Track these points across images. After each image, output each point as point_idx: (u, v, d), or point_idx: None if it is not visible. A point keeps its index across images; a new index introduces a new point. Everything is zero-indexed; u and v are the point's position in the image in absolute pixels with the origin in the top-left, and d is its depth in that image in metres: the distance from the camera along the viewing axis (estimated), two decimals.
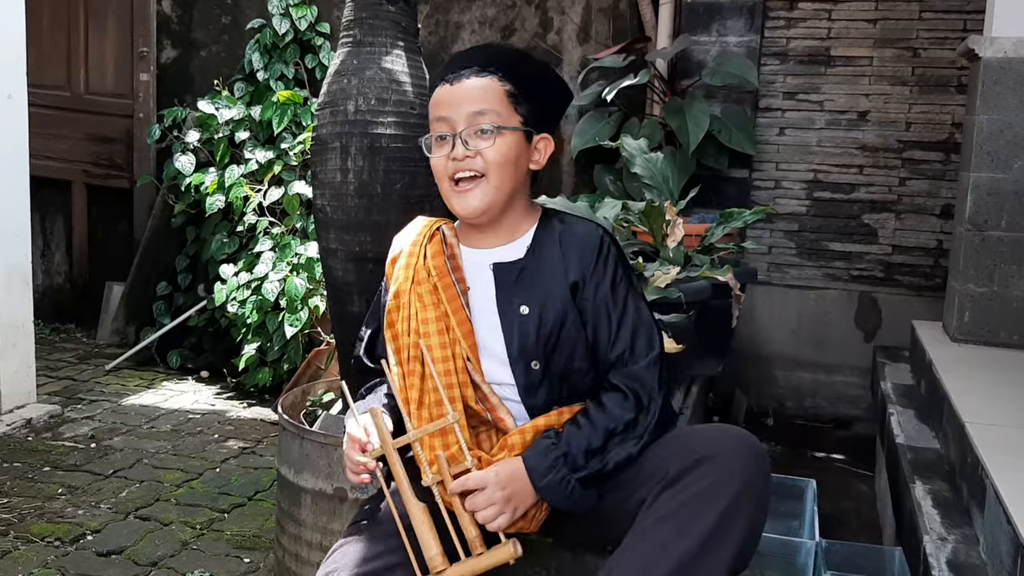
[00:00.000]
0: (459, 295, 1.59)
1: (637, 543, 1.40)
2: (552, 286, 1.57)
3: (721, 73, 3.84)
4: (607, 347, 1.57)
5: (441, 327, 1.57)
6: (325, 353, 3.54)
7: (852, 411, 4.07)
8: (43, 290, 5.14)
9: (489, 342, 1.58)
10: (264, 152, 4.22)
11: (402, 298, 1.62)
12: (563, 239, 1.60)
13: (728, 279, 2.74)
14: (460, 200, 1.56)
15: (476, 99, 1.55)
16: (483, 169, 1.54)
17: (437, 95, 1.58)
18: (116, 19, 4.89)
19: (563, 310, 1.56)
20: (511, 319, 1.56)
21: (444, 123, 1.56)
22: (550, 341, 1.55)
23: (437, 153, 1.57)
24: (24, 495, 2.91)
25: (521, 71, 1.59)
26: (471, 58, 1.59)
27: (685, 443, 1.48)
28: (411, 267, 1.63)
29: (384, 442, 1.48)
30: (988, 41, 3.08)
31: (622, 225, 2.95)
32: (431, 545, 1.42)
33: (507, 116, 1.56)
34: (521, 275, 1.58)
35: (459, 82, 1.56)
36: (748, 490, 1.40)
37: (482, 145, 1.54)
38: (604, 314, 1.57)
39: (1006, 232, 3.11)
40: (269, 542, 2.64)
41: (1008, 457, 2.00)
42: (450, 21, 4.51)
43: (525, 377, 1.56)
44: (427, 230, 1.67)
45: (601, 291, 1.57)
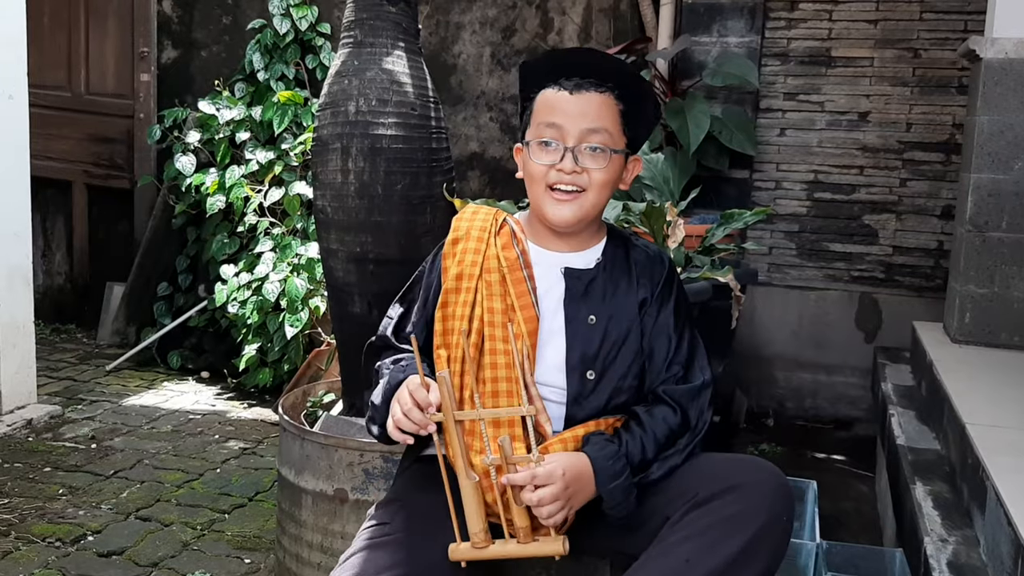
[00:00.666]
0: (530, 291, 1.57)
1: (661, 556, 1.40)
2: (620, 301, 1.59)
3: (722, 74, 3.84)
4: (661, 367, 1.59)
5: (504, 320, 1.56)
6: (326, 354, 3.54)
7: (853, 412, 4.07)
8: (44, 290, 5.14)
9: (548, 345, 1.57)
10: (265, 152, 4.22)
11: (466, 282, 1.59)
12: (635, 258, 1.63)
13: (729, 280, 2.74)
14: (555, 208, 1.56)
15: (594, 116, 1.55)
16: (586, 186, 1.55)
17: (552, 99, 1.56)
18: (117, 19, 4.90)
19: (628, 327, 1.58)
20: (577, 327, 1.56)
21: (555, 130, 1.55)
22: (611, 354, 1.56)
23: (541, 159, 1.56)
24: (25, 495, 2.91)
25: (634, 92, 1.59)
26: (590, 66, 1.57)
27: (716, 469, 1.49)
28: (480, 253, 1.60)
29: (447, 411, 1.46)
30: (989, 42, 3.08)
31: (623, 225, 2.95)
32: (477, 521, 1.43)
33: (617, 138, 1.57)
34: (592, 285, 1.59)
35: (579, 93, 1.55)
36: (775, 524, 1.41)
37: (592, 165, 1.55)
38: (664, 335, 1.59)
39: (1007, 233, 3.11)
40: (270, 543, 2.64)
41: (1009, 458, 2.00)
42: (451, 22, 4.51)
43: (579, 386, 1.56)
44: (495, 219, 1.65)
45: (664, 313, 1.60)
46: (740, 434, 3.89)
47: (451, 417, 1.46)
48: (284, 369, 3.91)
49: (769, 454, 3.63)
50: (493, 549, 1.44)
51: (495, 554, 1.44)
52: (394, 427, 1.50)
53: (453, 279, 1.61)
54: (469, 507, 1.44)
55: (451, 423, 1.46)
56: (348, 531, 2.11)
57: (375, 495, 2.08)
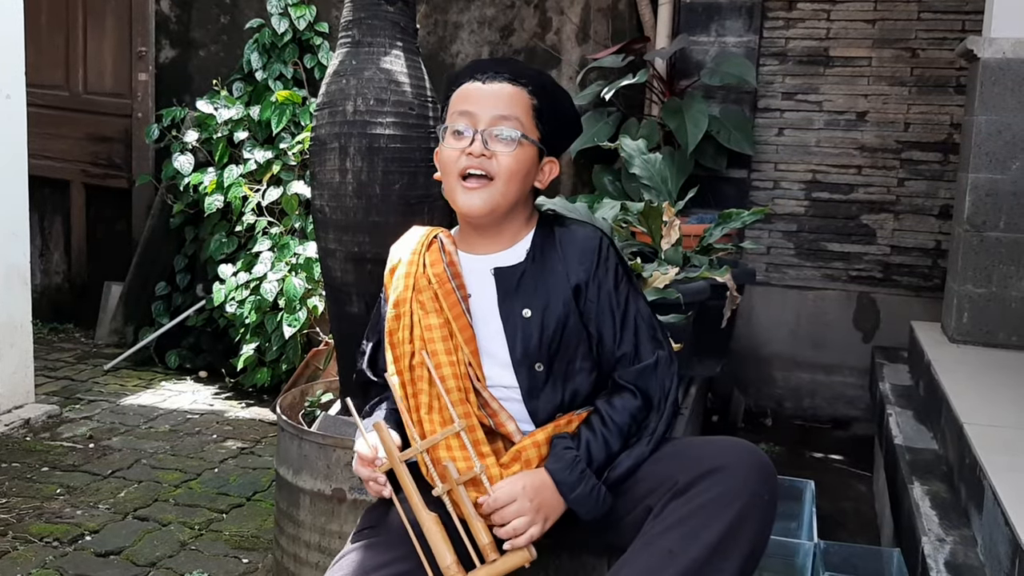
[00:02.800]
0: (460, 301, 1.60)
1: (644, 549, 1.40)
2: (553, 289, 1.58)
3: (720, 73, 3.84)
4: (612, 347, 1.59)
5: (445, 334, 1.58)
6: (323, 353, 3.54)
7: (850, 411, 4.07)
8: (41, 290, 5.13)
9: (491, 347, 1.59)
10: (263, 152, 4.22)
11: (402, 307, 1.63)
12: (563, 243, 1.62)
13: (726, 280, 2.74)
14: (465, 196, 1.57)
15: (505, 103, 1.57)
16: (495, 172, 1.56)
17: (465, 90, 1.60)
18: (115, 19, 4.89)
19: (565, 312, 1.57)
20: (514, 323, 1.57)
21: (466, 117, 1.57)
22: (552, 343, 1.57)
23: (452, 145, 1.58)
24: (22, 495, 2.91)
25: (548, 92, 1.63)
26: (504, 66, 1.61)
27: (694, 454, 1.49)
28: (411, 276, 1.64)
29: (391, 456, 1.49)
30: (987, 42, 3.09)
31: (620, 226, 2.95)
32: (445, 554, 1.43)
33: (529, 128, 1.59)
34: (522, 279, 1.59)
35: (491, 83, 1.58)
36: (756, 503, 1.42)
37: (501, 149, 1.56)
38: (608, 315, 1.59)
39: (1004, 233, 3.11)
40: (267, 542, 2.64)
41: (1006, 458, 2.01)
42: (449, 21, 4.50)
43: (528, 380, 1.57)
44: (425, 239, 1.68)
45: (604, 292, 1.59)
46: (738, 433, 3.89)
47: (396, 461, 1.48)
48: (282, 369, 3.91)
49: (767, 454, 3.62)
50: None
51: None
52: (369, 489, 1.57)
53: (392, 306, 1.64)
54: (435, 542, 1.44)
55: (397, 466, 1.48)
56: (346, 531, 2.11)
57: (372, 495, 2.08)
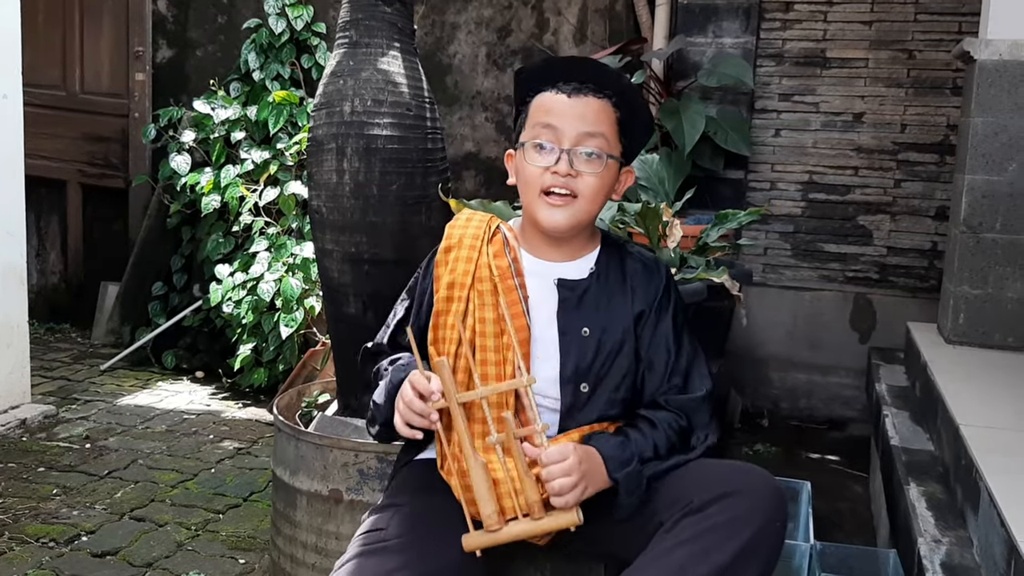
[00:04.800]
0: (521, 300, 1.57)
1: (655, 562, 1.40)
2: (615, 312, 1.57)
3: (717, 74, 3.84)
4: (662, 378, 1.58)
5: (497, 330, 1.55)
6: (320, 354, 3.54)
7: (847, 412, 4.07)
8: (38, 290, 5.13)
9: (541, 356, 1.56)
10: (260, 152, 4.22)
11: (458, 291, 1.59)
12: (630, 268, 1.61)
13: (724, 280, 2.74)
14: (548, 212, 1.54)
15: (592, 120, 1.54)
16: (579, 191, 1.53)
17: (548, 102, 1.55)
18: (112, 18, 4.89)
19: (622, 338, 1.56)
20: (571, 338, 1.55)
21: (551, 132, 1.54)
22: (604, 366, 1.55)
23: (535, 161, 1.54)
24: (19, 496, 2.90)
25: (631, 102, 1.59)
26: (588, 72, 1.56)
27: (711, 475, 1.48)
28: (472, 261, 1.60)
29: (449, 395, 1.45)
30: (983, 43, 3.09)
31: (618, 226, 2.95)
32: (489, 502, 1.41)
33: (613, 144, 1.56)
34: (585, 296, 1.58)
35: (577, 96, 1.54)
36: (769, 529, 1.41)
37: (587, 169, 1.53)
38: (663, 346, 1.58)
39: (1001, 234, 3.11)
40: (264, 543, 2.64)
41: (1002, 459, 2.01)
42: (446, 22, 4.50)
43: (572, 398, 1.55)
44: (488, 226, 1.64)
45: (663, 324, 1.59)
46: (735, 434, 3.90)
47: (454, 400, 1.45)
48: (279, 369, 3.90)
49: (763, 454, 3.64)
50: (507, 530, 1.41)
51: (509, 535, 1.42)
52: (402, 424, 1.49)
53: (445, 288, 1.60)
54: (480, 489, 1.42)
55: (454, 406, 1.45)
56: (343, 532, 2.11)
57: (370, 496, 2.08)
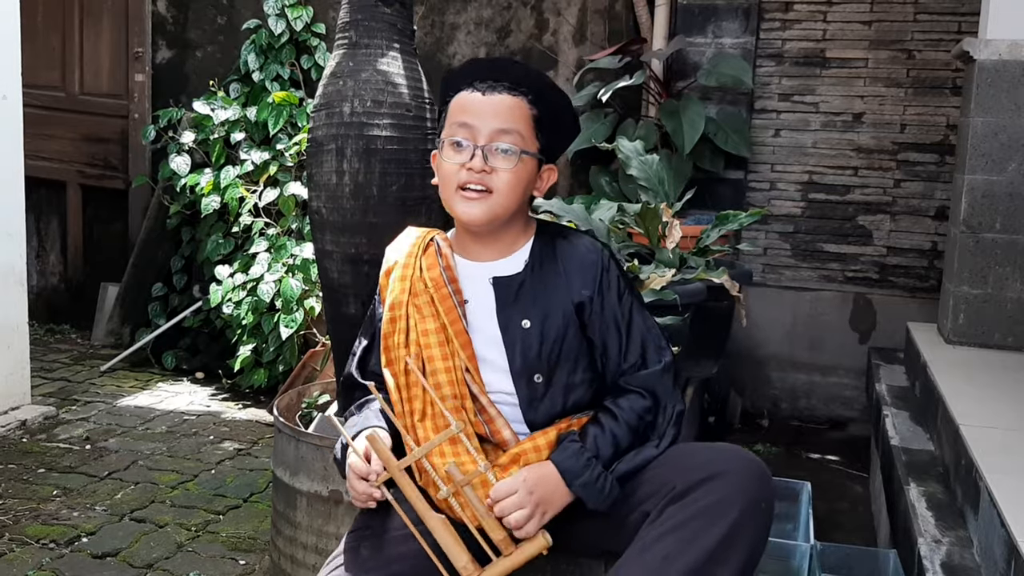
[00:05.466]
0: (456, 306, 1.59)
1: (640, 554, 1.40)
2: (553, 300, 1.58)
3: (716, 74, 3.84)
4: (618, 359, 1.59)
5: (441, 339, 1.58)
6: (320, 354, 3.54)
7: (847, 412, 4.07)
8: (38, 291, 5.13)
9: (489, 355, 1.58)
10: (260, 153, 4.22)
11: (398, 310, 1.62)
12: (563, 255, 1.61)
13: (724, 281, 2.74)
14: (465, 206, 1.56)
15: (505, 117, 1.55)
16: (494, 187, 1.55)
17: (464, 101, 1.57)
18: (111, 19, 4.89)
19: (564, 324, 1.57)
20: (513, 333, 1.57)
21: (466, 130, 1.55)
22: (552, 355, 1.56)
23: (451, 158, 1.56)
24: (19, 497, 2.90)
25: (549, 100, 1.60)
26: (503, 71, 1.58)
27: (692, 460, 1.49)
28: (407, 279, 1.63)
29: (390, 466, 1.46)
30: (983, 43, 3.09)
31: (618, 227, 2.95)
32: (460, 554, 1.42)
33: (529, 141, 1.57)
34: (522, 289, 1.59)
35: (491, 94, 1.56)
36: (753, 509, 1.42)
37: (501, 164, 1.55)
38: (613, 328, 1.59)
39: (1000, 234, 3.12)
40: (264, 544, 2.64)
41: (1002, 459, 2.01)
42: (446, 22, 4.50)
43: (528, 390, 1.56)
44: (421, 241, 1.67)
45: (608, 306, 1.59)
46: (735, 434, 3.90)
47: (396, 470, 1.46)
48: (279, 370, 3.90)
49: (764, 454, 3.64)
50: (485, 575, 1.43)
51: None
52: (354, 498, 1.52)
53: (388, 309, 1.64)
54: (447, 544, 1.43)
55: (397, 475, 1.46)
56: (343, 532, 2.10)
57: None
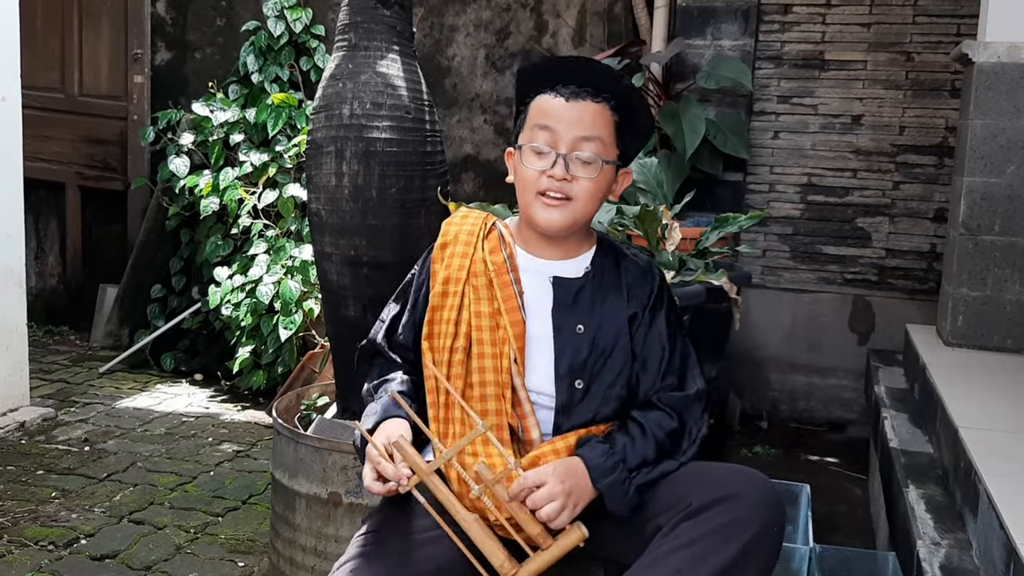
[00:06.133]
0: (516, 296, 1.58)
1: (652, 567, 1.40)
2: (609, 311, 1.59)
3: (716, 77, 3.84)
4: (656, 376, 1.60)
5: (492, 324, 1.57)
6: (319, 356, 3.54)
7: (846, 414, 4.07)
8: (36, 292, 5.12)
9: (536, 352, 1.58)
10: (259, 155, 4.22)
11: (453, 286, 1.61)
12: (625, 268, 1.63)
13: (723, 283, 2.74)
14: (544, 212, 1.56)
15: (589, 125, 1.54)
16: (575, 195, 1.55)
17: (546, 105, 1.56)
18: (110, 21, 4.89)
19: (616, 335, 1.58)
20: (566, 335, 1.57)
21: (549, 135, 1.55)
22: (598, 363, 1.57)
23: (532, 164, 1.56)
24: (17, 498, 2.90)
25: (630, 105, 1.60)
26: (588, 75, 1.57)
27: (708, 478, 1.49)
28: (467, 257, 1.62)
29: (419, 471, 1.45)
30: (982, 46, 3.09)
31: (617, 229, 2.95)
32: (496, 552, 1.42)
33: (610, 148, 1.57)
34: (580, 294, 1.59)
35: (575, 100, 1.55)
36: (766, 534, 1.42)
37: (582, 173, 1.54)
38: (657, 345, 1.60)
39: (999, 236, 3.12)
40: (263, 546, 2.64)
41: (1001, 462, 2.01)
42: (445, 24, 4.51)
43: (567, 394, 1.56)
44: (484, 223, 1.66)
45: (657, 323, 1.61)
46: (734, 436, 3.90)
47: (426, 474, 1.45)
48: (278, 372, 3.90)
49: (763, 456, 3.64)
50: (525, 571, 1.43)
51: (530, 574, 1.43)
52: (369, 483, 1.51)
53: (441, 283, 1.62)
54: (483, 542, 1.43)
55: (429, 479, 1.45)
56: (342, 534, 2.11)
57: (369, 498, 2.08)
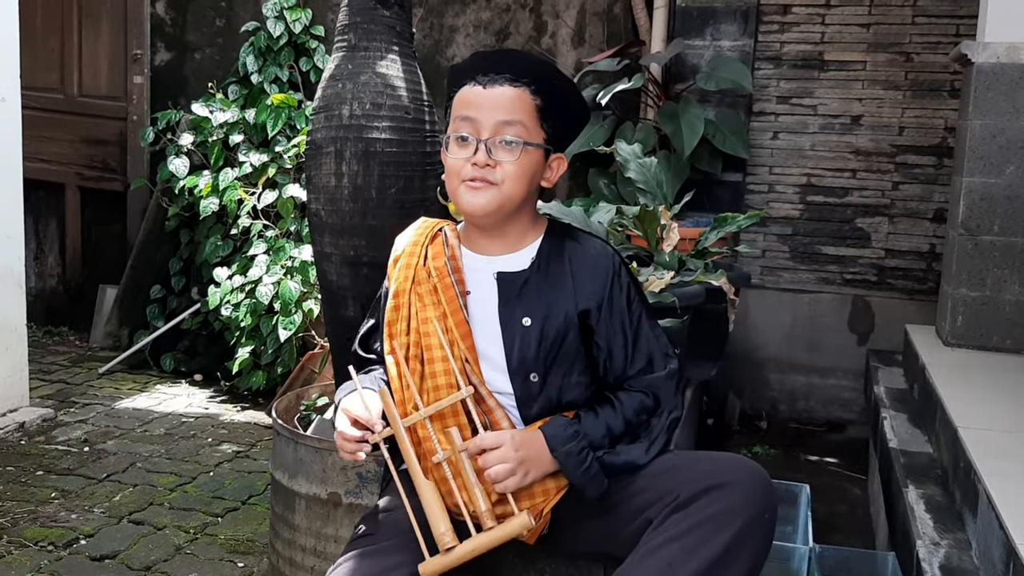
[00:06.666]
0: (458, 296, 1.59)
1: (643, 560, 1.40)
2: (556, 300, 1.57)
3: (715, 77, 3.84)
4: (623, 365, 1.59)
5: (442, 327, 1.58)
6: (319, 357, 3.54)
7: (845, 414, 4.08)
8: (36, 293, 5.12)
9: (488, 350, 1.58)
10: (258, 155, 4.22)
11: (401, 298, 1.63)
12: (574, 257, 1.61)
13: (722, 283, 2.74)
14: (469, 196, 1.55)
15: (507, 108, 1.54)
16: (499, 180, 1.54)
17: (466, 94, 1.57)
18: (110, 21, 4.89)
19: (565, 325, 1.57)
20: (513, 330, 1.57)
21: (469, 124, 1.55)
22: (551, 354, 1.56)
23: (456, 153, 1.56)
24: (17, 499, 2.90)
25: (553, 87, 1.59)
26: (505, 63, 1.57)
27: (697, 469, 1.49)
28: (411, 267, 1.63)
29: (394, 421, 1.48)
30: (981, 46, 3.10)
31: (616, 229, 2.96)
32: (440, 521, 1.43)
33: (533, 131, 1.56)
34: (525, 286, 1.58)
35: (492, 87, 1.55)
36: (757, 522, 1.42)
37: (505, 157, 1.54)
38: (620, 334, 1.59)
39: (999, 237, 3.12)
40: (263, 547, 2.64)
41: (1000, 462, 2.01)
42: (444, 25, 4.51)
43: (523, 388, 1.57)
44: (429, 230, 1.67)
45: (616, 312, 1.59)
46: (733, 436, 3.90)
47: (399, 428, 1.48)
48: (277, 372, 3.90)
49: (762, 456, 3.64)
50: (462, 548, 1.43)
51: (465, 553, 1.43)
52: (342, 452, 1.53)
53: (392, 297, 1.64)
54: (431, 509, 1.44)
55: (400, 433, 1.48)
56: (341, 535, 2.11)
57: (369, 499, 2.08)
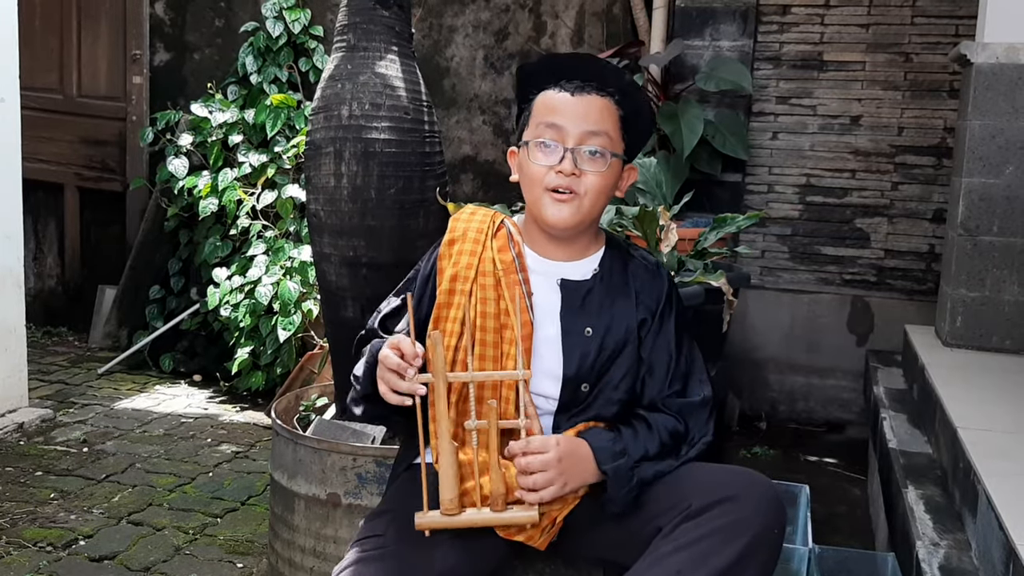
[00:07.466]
0: (525, 296, 1.57)
1: (652, 568, 1.40)
2: (618, 314, 1.58)
3: (715, 78, 3.84)
4: (662, 384, 1.59)
5: (497, 324, 1.56)
6: (318, 357, 3.53)
7: (845, 415, 4.08)
8: (35, 293, 5.12)
9: (542, 354, 1.56)
10: (257, 155, 4.22)
11: (461, 284, 1.59)
12: (634, 271, 1.62)
13: (721, 284, 2.74)
14: (554, 208, 1.54)
15: (595, 119, 1.54)
16: (584, 190, 1.54)
17: (552, 100, 1.56)
18: (109, 22, 4.88)
19: (624, 339, 1.57)
20: (574, 339, 1.56)
21: (555, 131, 1.54)
22: (606, 367, 1.56)
23: (539, 160, 1.55)
24: (16, 500, 2.90)
25: (633, 99, 1.59)
26: (591, 70, 1.56)
27: (709, 480, 1.48)
28: (476, 255, 1.60)
29: (436, 369, 1.40)
30: (980, 47, 3.10)
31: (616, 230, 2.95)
32: (451, 487, 1.40)
33: (616, 142, 1.57)
34: (588, 296, 1.58)
35: (580, 95, 1.54)
36: (767, 535, 1.41)
37: (590, 168, 1.54)
38: (665, 351, 1.59)
39: (998, 237, 3.12)
40: (262, 547, 2.63)
41: (1000, 462, 2.01)
42: (444, 25, 4.51)
43: (571, 396, 1.56)
44: (492, 220, 1.65)
45: (665, 329, 1.60)
46: (732, 437, 3.90)
47: (441, 376, 1.40)
48: (277, 372, 3.90)
49: (761, 457, 3.64)
50: (463, 517, 1.41)
51: (465, 522, 1.41)
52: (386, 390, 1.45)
53: (448, 280, 1.60)
54: (445, 473, 1.40)
55: (440, 382, 1.40)
56: (341, 536, 2.11)
57: (368, 500, 2.08)
